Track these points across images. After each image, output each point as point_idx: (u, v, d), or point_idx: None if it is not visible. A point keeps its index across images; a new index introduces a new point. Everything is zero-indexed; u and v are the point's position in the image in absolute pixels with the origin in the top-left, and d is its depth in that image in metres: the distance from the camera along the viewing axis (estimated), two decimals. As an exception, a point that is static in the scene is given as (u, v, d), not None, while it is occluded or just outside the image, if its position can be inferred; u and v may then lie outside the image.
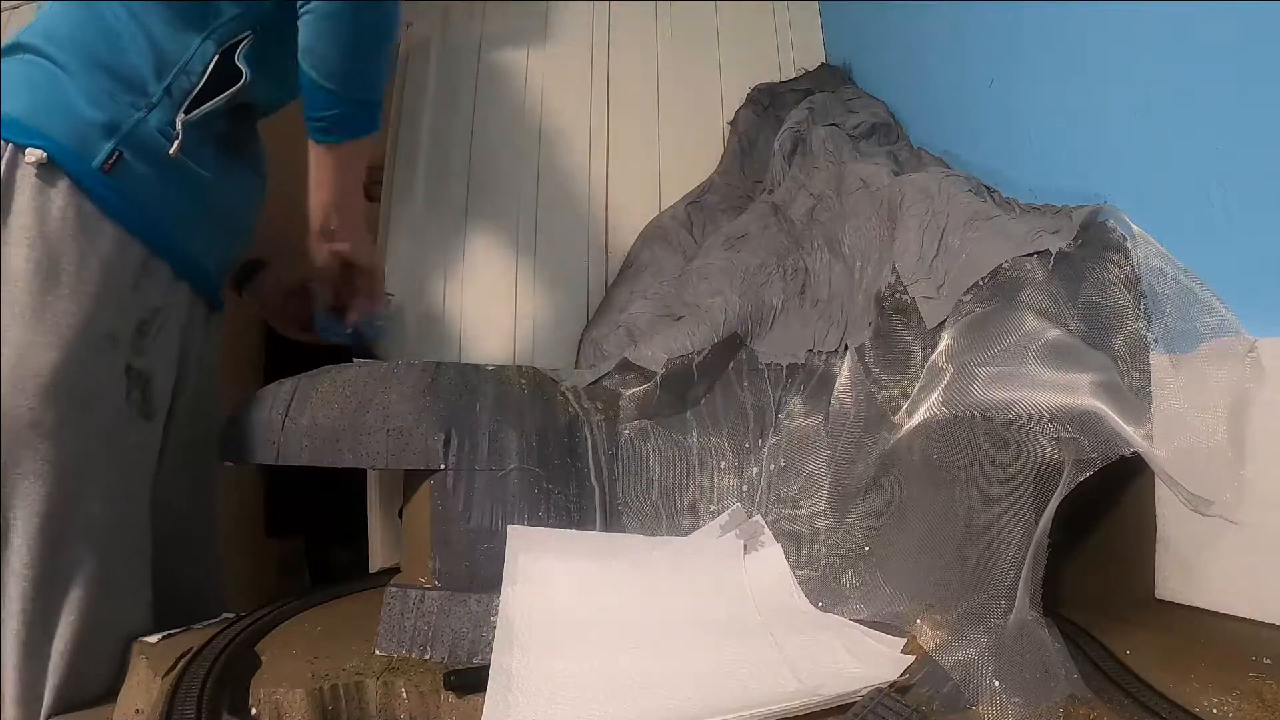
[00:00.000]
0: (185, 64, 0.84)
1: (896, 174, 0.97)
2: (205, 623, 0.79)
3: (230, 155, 0.93)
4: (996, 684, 0.60)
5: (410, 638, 0.72)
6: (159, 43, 0.84)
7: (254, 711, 0.63)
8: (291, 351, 1.15)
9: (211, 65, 0.85)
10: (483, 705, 0.64)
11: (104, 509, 0.79)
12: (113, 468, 0.81)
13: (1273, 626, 0.65)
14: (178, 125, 0.83)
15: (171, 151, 0.82)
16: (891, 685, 0.61)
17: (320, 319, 1.08)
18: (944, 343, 0.76)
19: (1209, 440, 0.66)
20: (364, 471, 1.29)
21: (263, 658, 0.70)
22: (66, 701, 0.76)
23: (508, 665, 0.64)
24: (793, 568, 0.78)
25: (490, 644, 0.71)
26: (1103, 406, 0.65)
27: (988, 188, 0.91)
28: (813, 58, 1.49)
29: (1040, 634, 0.61)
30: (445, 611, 0.73)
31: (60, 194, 0.76)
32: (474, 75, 1.45)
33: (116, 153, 0.78)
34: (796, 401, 0.89)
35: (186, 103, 0.84)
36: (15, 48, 0.83)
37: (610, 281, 1.33)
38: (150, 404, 0.83)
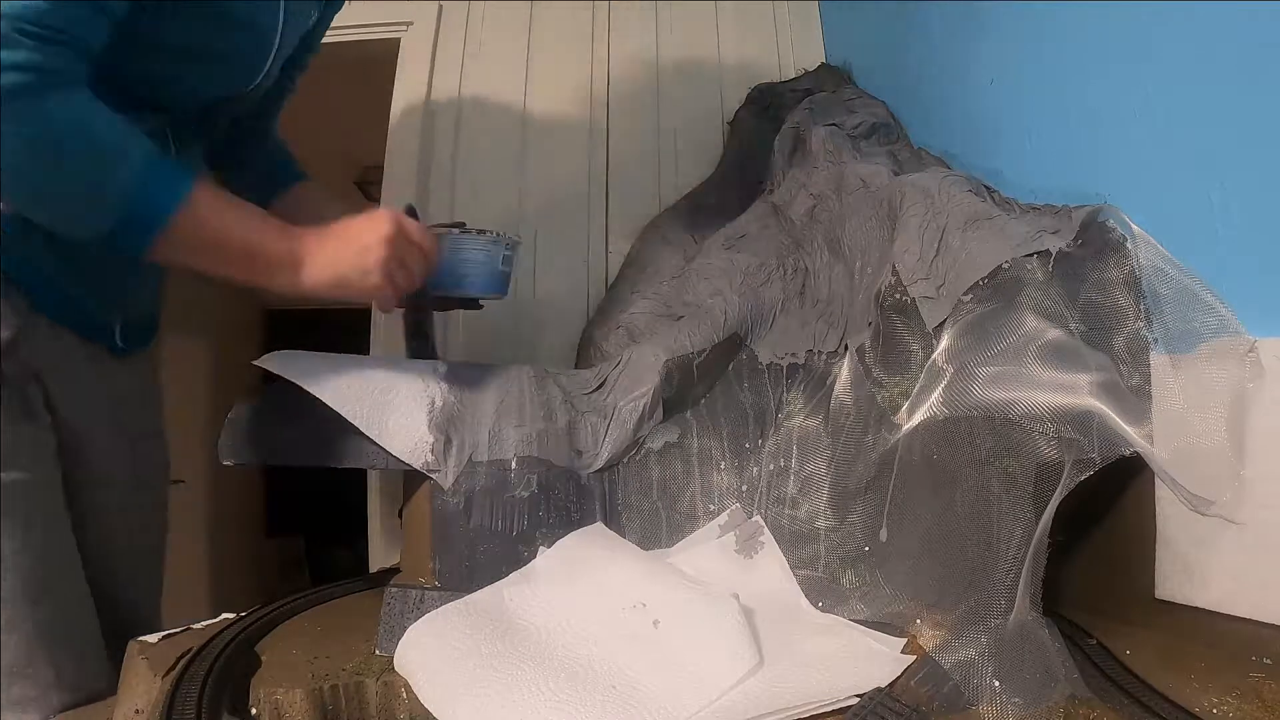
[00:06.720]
0: None
1: (896, 174, 0.97)
2: (205, 622, 0.79)
3: None
4: (996, 684, 0.60)
5: (410, 638, 0.72)
6: None
7: (254, 711, 0.63)
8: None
9: None
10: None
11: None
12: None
13: (1273, 626, 0.65)
14: None
15: None
16: (891, 685, 0.61)
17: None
18: (944, 343, 0.76)
19: (1209, 440, 0.66)
20: (364, 471, 1.29)
21: (263, 658, 0.70)
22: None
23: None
24: (793, 568, 0.78)
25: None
26: (1103, 406, 0.65)
27: (988, 188, 0.91)
28: (813, 58, 1.49)
29: (1040, 634, 0.61)
30: (445, 611, 0.73)
31: None
32: (473, 75, 1.45)
33: None
34: (796, 402, 0.89)
35: None
36: None
37: (610, 281, 1.33)
38: (31, 407, 0.87)
